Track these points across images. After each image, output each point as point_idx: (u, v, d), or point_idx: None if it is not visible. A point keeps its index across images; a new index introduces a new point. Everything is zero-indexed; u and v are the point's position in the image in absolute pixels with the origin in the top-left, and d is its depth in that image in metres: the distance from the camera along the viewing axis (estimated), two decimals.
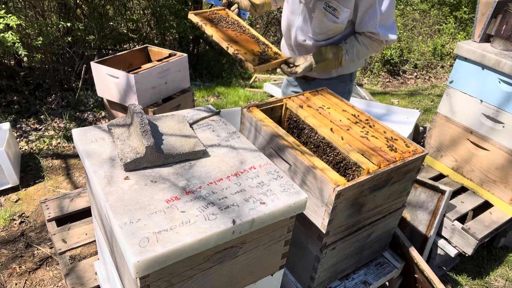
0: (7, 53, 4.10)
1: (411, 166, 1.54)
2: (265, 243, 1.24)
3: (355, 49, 1.97)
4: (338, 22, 1.90)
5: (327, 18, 1.90)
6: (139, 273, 0.94)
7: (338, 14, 1.87)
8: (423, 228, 2.31)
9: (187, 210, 1.08)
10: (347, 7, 1.85)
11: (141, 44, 5.22)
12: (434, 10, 7.64)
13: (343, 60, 1.99)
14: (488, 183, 2.45)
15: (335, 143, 1.55)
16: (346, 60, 1.99)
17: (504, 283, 2.51)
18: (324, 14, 1.89)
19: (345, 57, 1.98)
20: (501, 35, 2.34)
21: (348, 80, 2.23)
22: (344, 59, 1.98)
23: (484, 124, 2.38)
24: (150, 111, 2.72)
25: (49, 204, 2.17)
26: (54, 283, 2.29)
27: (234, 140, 1.43)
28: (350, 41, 1.97)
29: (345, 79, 2.20)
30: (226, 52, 2.05)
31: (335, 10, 1.86)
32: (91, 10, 4.72)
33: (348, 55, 1.98)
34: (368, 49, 1.98)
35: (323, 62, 1.97)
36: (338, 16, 1.87)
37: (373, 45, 1.98)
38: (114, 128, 1.35)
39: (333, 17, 1.88)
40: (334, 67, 2.03)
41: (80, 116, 4.05)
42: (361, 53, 1.99)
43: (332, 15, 1.88)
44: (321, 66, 1.98)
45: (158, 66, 2.72)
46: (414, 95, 5.60)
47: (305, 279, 1.66)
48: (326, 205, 1.36)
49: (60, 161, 3.35)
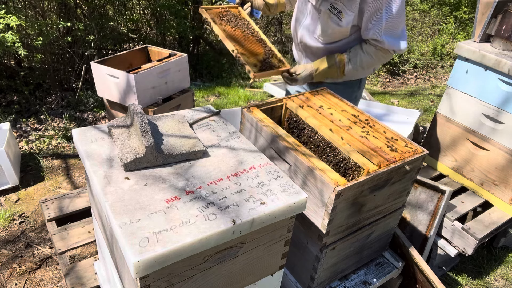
0: (7, 53, 4.10)
1: (411, 166, 1.54)
2: (265, 243, 1.24)
3: (359, 58, 1.90)
4: (342, 26, 1.85)
5: (332, 20, 1.86)
6: (139, 273, 0.94)
7: (342, 17, 1.82)
8: (423, 228, 2.31)
9: (187, 210, 1.08)
10: (351, 10, 1.79)
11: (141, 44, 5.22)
12: (434, 10, 7.64)
13: (346, 69, 1.93)
14: (488, 183, 2.45)
15: (335, 143, 1.55)
16: (349, 69, 1.92)
17: (504, 283, 2.51)
18: (329, 15, 1.85)
19: (348, 67, 1.92)
20: (501, 35, 2.34)
21: (356, 87, 2.14)
22: (346, 68, 1.92)
23: (484, 124, 2.38)
24: (150, 111, 2.72)
25: (49, 204, 2.17)
26: (54, 283, 2.29)
27: (234, 140, 1.43)
28: (354, 49, 1.91)
29: (352, 85, 2.11)
30: (227, 52, 2.05)
31: (340, 13, 1.81)
32: (91, 10, 4.72)
33: (350, 64, 1.91)
34: (373, 59, 1.90)
35: (324, 70, 1.93)
36: (342, 19, 1.83)
37: (378, 54, 1.89)
38: (114, 128, 1.35)
39: (337, 20, 1.84)
40: (336, 76, 1.98)
41: (80, 116, 4.05)
42: (365, 63, 1.91)
43: (337, 17, 1.83)
44: (322, 74, 1.94)
45: (158, 66, 2.72)
46: (414, 95, 5.60)
47: (305, 279, 1.66)
48: (326, 205, 1.36)
49: (60, 161, 3.35)
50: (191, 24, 5.74)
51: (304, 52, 2.12)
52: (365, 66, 1.92)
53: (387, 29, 1.79)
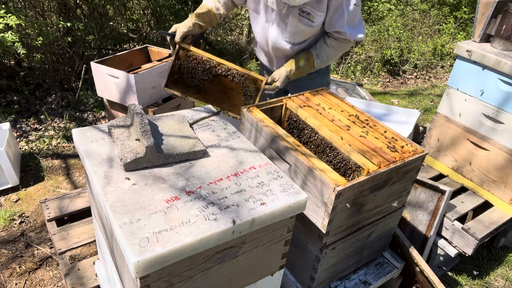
0: (7, 53, 4.10)
1: (411, 166, 1.54)
2: (265, 243, 1.24)
3: (324, 52, 2.05)
4: (314, 26, 1.95)
5: (303, 22, 1.95)
6: (139, 273, 0.94)
7: (313, 18, 1.92)
8: (423, 228, 2.31)
9: (187, 210, 1.08)
10: (320, 11, 1.90)
11: (141, 44, 5.22)
12: (434, 10, 7.63)
13: (315, 64, 2.08)
14: (488, 183, 2.45)
15: (335, 143, 1.55)
16: (317, 64, 2.08)
17: (504, 283, 2.51)
18: (299, 19, 1.94)
19: (317, 61, 2.07)
20: (501, 35, 2.34)
21: (326, 73, 2.33)
22: (316, 63, 2.07)
23: (484, 124, 2.38)
24: (150, 111, 2.72)
25: (49, 204, 2.17)
26: (54, 283, 2.29)
27: (234, 140, 1.43)
28: (319, 45, 2.05)
29: (323, 72, 2.29)
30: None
31: (309, 15, 1.92)
32: (91, 10, 4.72)
33: (318, 59, 2.06)
34: (337, 50, 2.08)
35: (298, 70, 2.05)
36: (314, 20, 1.93)
37: (341, 46, 2.07)
38: (114, 128, 1.35)
39: (309, 21, 1.94)
40: (308, 71, 2.12)
41: (80, 116, 4.05)
42: (330, 55, 2.08)
43: (307, 19, 1.93)
44: (296, 74, 2.07)
45: (158, 66, 2.72)
46: (414, 95, 5.60)
47: (305, 279, 1.66)
48: (326, 205, 1.36)
49: (60, 161, 3.35)
50: None
51: (275, 57, 2.20)
52: (330, 58, 2.12)
53: (348, 21, 1.95)
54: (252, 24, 2.18)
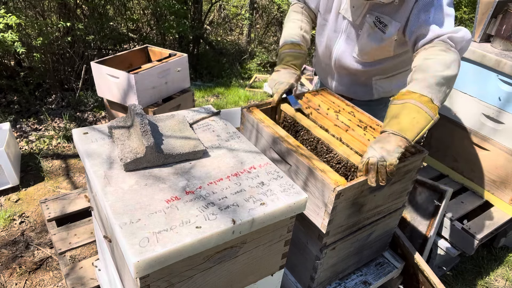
0: (7, 53, 4.10)
1: (411, 166, 1.54)
2: (265, 243, 1.24)
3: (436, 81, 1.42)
4: (385, 38, 1.66)
5: (373, 35, 1.68)
6: (139, 273, 0.94)
7: (387, 29, 1.64)
8: (423, 228, 2.30)
9: (187, 210, 1.08)
10: (398, 21, 1.61)
11: (141, 44, 5.22)
12: None
13: (439, 105, 1.45)
14: (488, 183, 2.45)
15: (334, 144, 1.55)
16: (440, 102, 1.45)
17: (504, 283, 2.51)
18: (373, 29, 1.67)
19: (438, 105, 1.44)
20: (501, 35, 2.34)
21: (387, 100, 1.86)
22: (438, 105, 1.44)
23: (485, 124, 2.38)
24: (150, 111, 2.72)
25: (49, 204, 2.17)
26: (54, 283, 2.29)
27: (234, 140, 1.43)
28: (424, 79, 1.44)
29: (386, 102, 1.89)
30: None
31: (385, 26, 1.63)
32: (91, 10, 4.72)
33: (437, 101, 1.43)
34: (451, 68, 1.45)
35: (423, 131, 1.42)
36: (386, 31, 1.64)
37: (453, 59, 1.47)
38: (114, 128, 1.35)
39: (381, 33, 1.65)
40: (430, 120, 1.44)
41: (80, 116, 4.05)
42: (449, 81, 1.45)
43: (381, 31, 1.65)
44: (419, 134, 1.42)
45: (158, 66, 2.72)
46: None
47: (305, 279, 1.66)
48: (326, 205, 1.36)
49: (60, 161, 3.35)
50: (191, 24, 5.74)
51: (337, 74, 1.94)
52: (451, 85, 1.46)
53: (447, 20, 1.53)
54: (317, 32, 1.92)
